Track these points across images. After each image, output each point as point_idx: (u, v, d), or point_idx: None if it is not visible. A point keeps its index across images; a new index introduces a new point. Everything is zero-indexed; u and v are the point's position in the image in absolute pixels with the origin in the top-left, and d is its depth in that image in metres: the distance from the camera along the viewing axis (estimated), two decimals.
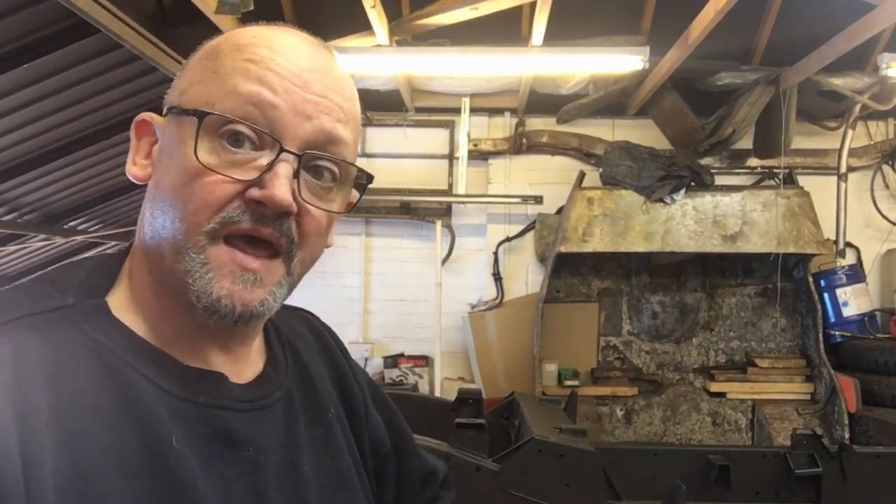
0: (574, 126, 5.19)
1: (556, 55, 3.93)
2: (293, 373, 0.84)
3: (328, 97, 0.74)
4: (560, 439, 2.44)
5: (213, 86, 0.71)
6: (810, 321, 4.78)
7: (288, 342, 0.87)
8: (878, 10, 3.41)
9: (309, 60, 0.74)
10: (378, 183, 5.04)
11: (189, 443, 0.68)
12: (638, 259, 4.95)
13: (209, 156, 0.69)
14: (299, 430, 0.80)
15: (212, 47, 0.75)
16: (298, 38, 0.76)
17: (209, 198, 0.68)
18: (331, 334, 0.99)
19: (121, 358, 0.68)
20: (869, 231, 5.12)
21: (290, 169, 0.70)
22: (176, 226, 0.69)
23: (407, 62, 4.12)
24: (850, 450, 2.79)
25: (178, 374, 0.71)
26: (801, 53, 4.25)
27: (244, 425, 0.73)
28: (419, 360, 5.14)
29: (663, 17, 4.51)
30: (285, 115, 0.70)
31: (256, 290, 0.70)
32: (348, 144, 0.76)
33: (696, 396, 4.86)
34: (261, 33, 0.75)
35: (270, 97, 0.70)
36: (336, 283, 5.33)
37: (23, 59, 3.82)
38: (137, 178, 0.76)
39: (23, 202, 5.70)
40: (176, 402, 0.69)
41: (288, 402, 0.80)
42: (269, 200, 0.68)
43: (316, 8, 4.53)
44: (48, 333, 0.67)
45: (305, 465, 0.78)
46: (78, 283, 0.73)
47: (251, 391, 0.77)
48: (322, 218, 0.74)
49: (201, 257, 0.69)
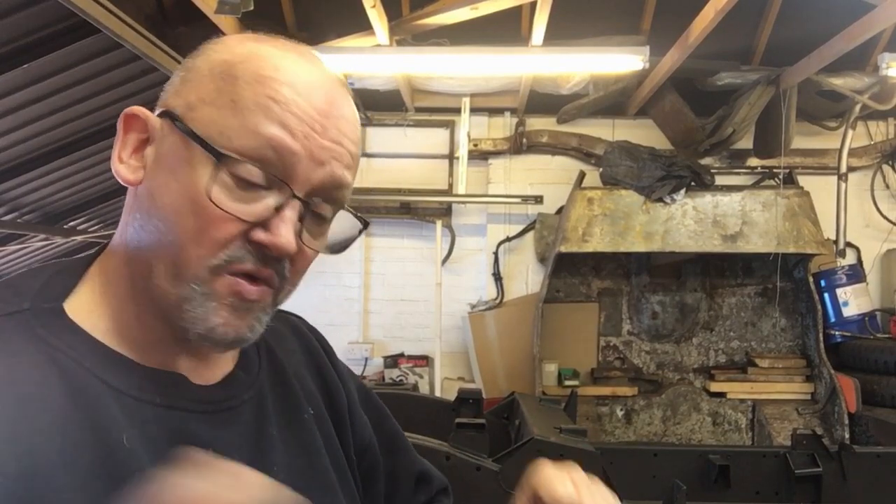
0: (574, 126, 5.19)
1: (556, 55, 3.93)
2: (266, 374, 0.83)
3: (342, 143, 0.73)
4: (560, 439, 2.44)
5: (231, 117, 0.69)
6: (810, 321, 4.78)
7: (265, 343, 0.86)
8: (878, 10, 3.41)
9: (327, 103, 0.72)
10: (378, 183, 5.05)
11: (145, 444, 0.67)
12: (638, 259, 4.95)
13: (220, 193, 0.68)
14: (270, 432, 0.79)
15: (228, 66, 0.72)
16: (318, 73, 0.74)
17: (216, 235, 0.68)
18: (317, 337, 0.98)
19: (75, 361, 0.67)
20: (869, 231, 5.12)
21: (296, 214, 0.70)
22: (176, 253, 0.69)
23: (407, 62, 4.12)
24: (850, 450, 2.79)
25: (134, 375, 0.70)
26: (801, 53, 4.25)
27: (205, 427, 0.72)
28: (419, 360, 5.14)
29: (663, 17, 4.51)
30: (301, 162, 0.69)
31: (247, 316, 0.71)
32: (350, 188, 0.76)
33: (696, 396, 4.86)
34: (282, 66, 0.72)
35: (290, 143, 0.69)
36: (336, 283, 5.33)
37: (23, 59, 3.82)
38: (126, 181, 0.73)
39: (23, 202, 5.70)
40: (131, 403, 0.68)
41: (259, 404, 0.79)
42: (274, 246, 0.69)
43: (316, 8, 4.53)
44: (1, 337, 0.66)
45: (275, 466, 0.76)
46: (37, 287, 0.72)
47: (216, 392, 0.76)
48: (313, 256, 0.75)
49: (203, 288, 0.68)
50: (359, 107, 5.05)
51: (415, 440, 2.30)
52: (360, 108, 5.11)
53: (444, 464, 2.27)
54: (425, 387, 5.04)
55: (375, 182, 5.27)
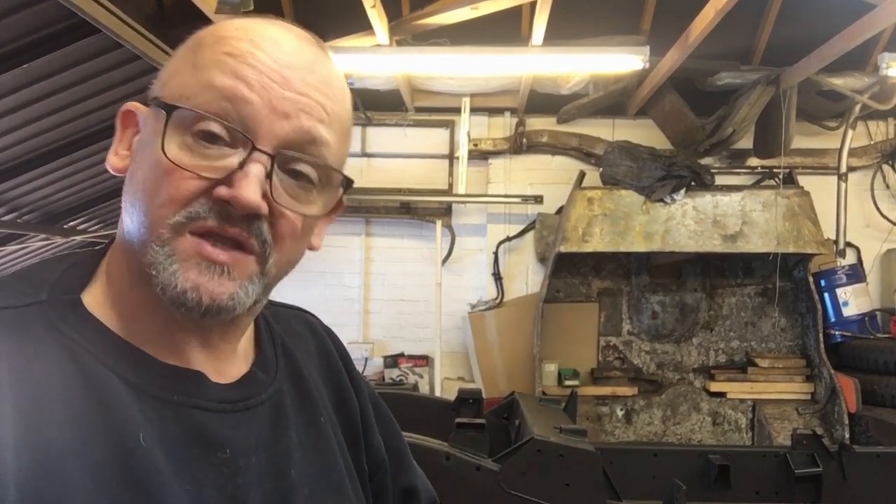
0: (574, 126, 5.19)
1: (556, 55, 3.93)
2: (284, 374, 0.81)
3: (309, 95, 0.70)
4: (560, 439, 2.44)
5: (190, 78, 0.69)
6: (810, 321, 4.78)
7: (281, 343, 0.85)
8: (878, 10, 3.41)
9: (292, 56, 0.70)
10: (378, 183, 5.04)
11: (161, 442, 0.66)
12: (638, 259, 4.95)
13: (179, 151, 0.67)
14: (289, 434, 0.77)
15: (196, 38, 0.73)
16: (285, 31, 0.73)
17: (175, 193, 0.66)
18: (333, 341, 0.96)
19: (93, 355, 0.67)
20: (869, 231, 5.12)
21: (262, 169, 0.67)
22: (142, 219, 0.68)
23: (407, 62, 4.12)
24: (850, 450, 2.79)
25: (152, 371, 0.69)
26: (801, 53, 4.25)
27: (221, 426, 0.71)
28: (419, 360, 5.14)
29: (663, 17, 4.51)
30: (260, 112, 0.67)
31: (225, 282, 0.68)
32: (330, 146, 0.72)
33: (696, 396, 4.86)
34: (245, 26, 0.72)
35: (245, 93, 0.67)
36: (336, 283, 5.33)
37: (23, 59, 3.82)
38: (115, 169, 0.74)
39: (23, 202, 5.69)
40: (148, 400, 0.67)
41: (277, 405, 0.78)
42: (236, 201, 0.66)
43: (316, 8, 4.53)
44: (18, 328, 0.66)
45: (293, 470, 0.75)
46: (53, 279, 0.71)
47: (233, 392, 0.74)
48: (298, 221, 0.71)
49: (166, 249, 0.66)
50: (358, 106, 5.08)
51: (415, 440, 2.31)
52: (360, 108, 5.11)
53: (444, 464, 2.27)
54: (425, 387, 5.04)
55: (375, 182, 5.27)
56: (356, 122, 5.19)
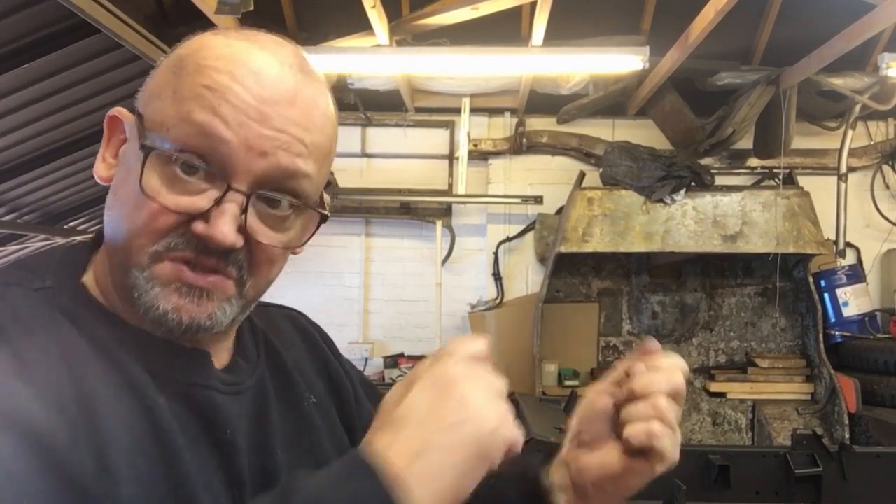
0: (574, 126, 5.19)
1: (556, 55, 3.93)
2: (266, 364, 0.84)
3: (287, 131, 0.70)
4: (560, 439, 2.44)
5: (170, 108, 0.69)
6: (810, 321, 4.78)
7: (263, 336, 0.87)
8: (878, 10, 3.41)
9: (272, 89, 0.70)
10: (378, 183, 5.03)
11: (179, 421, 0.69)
12: (638, 259, 4.95)
13: (160, 185, 0.68)
14: (272, 416, 0.80)
15: (178, 59, 0.72)
16: (269, 58, 0.71)
17: (154, 226, 0.68)
18: (319, 332, 0.99)
19: (109, 338, 0.69)
20: (869, 231, 5.12)
21: (238, 207, 0.69)
22: (122, 243, 0.70)
23: (407, 62, 4.12)
24: (850, 450, 2.79)
25: (166, 352, 0.72)
26: (801, 53, 4.25)
27: (226, 407, 0.74)
28: (419, 360, 5.13)
29: (663, 17, 4.51)
30: (236, 152, 0.68)
31: (204, 303, 0.70)
32: (309, 177, 0.73)
33: (696, 396, 4.86)
34: (226, 55, 0.70)
35: (222, 131, 0.67)
36: (336, 283, 5.33)
37: (23, 59, 3.82)
38: (101, 178, 0.75)
39: (23, 202, 5.70)
40: (166, 381, 0.70)
41: (261, 390, 0.81)
42: (212, 239, 0.68)
43: (316, 8, 4.53)
44: (35, 305, 0.68)
45: (278, 450, 0.78)
46: (53, 266, 0.74)
47: (229, 375, 0.78)
48: (274, 248, 0.73)
49: (146, 274, 0.69)
50: (359, 107, 5.08)
51: None
52: (360, 108, 5.11)
53: None
54: None
55: (375, 182, 5.27)
56: (356, 122, 5.23)
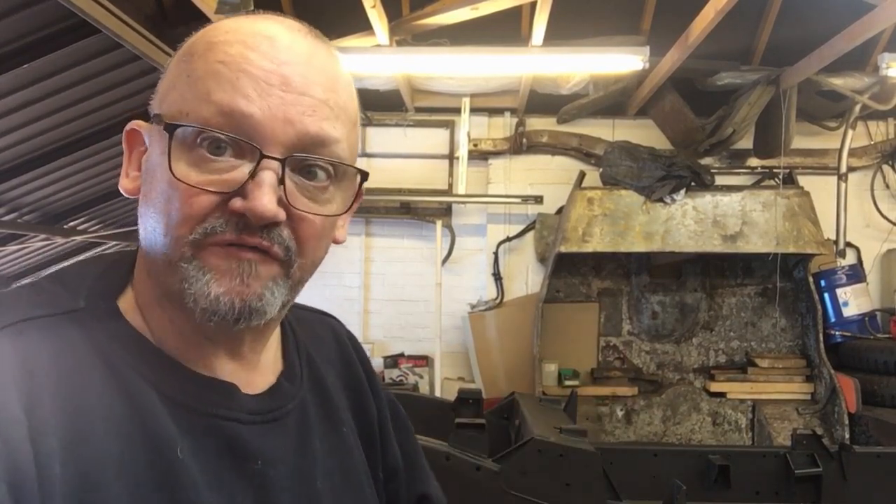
0: (574, 126, 5.19)
1: (556, 55, 3.93)
2: (308, 383, 0.82)
3: (310, 94, 0.68)
4: (560, 439, 2.44)
5: (187, 92, 0.67)
6: (810, 321, 4.78)
7: (305, 351, 0.85)
8: (878, 10, 3.41)
9: (288, 51, 0.68)
10: (378, 183, 5.03)
11: (196, 455, 0.66)
12: (638, 259, 4.95)
13: (188, 168, 0.66)
14: (313, 443, 0.77)
15: (188, 46, 0.71)
16: (277, 24, 0.70)
17: (189, 211, 0.65)
18: (355, 347, 0.95)
19: (130, 366, 0.67)
20: (869, 231, 5.12)
21: (274, 176, 0.66)
22: (163, 240, 0.67)
23: (407, 62, 4.12)
24: (850, 450, 2.79)
25: (186, 382, 0.69)
26: (801, 53, 4.25)
27: (253, 438, 0.71)
28: (419, 360, 5.13)
29: (663, 17, 4.51)
30: (263, 123, 0.66)
31: (253, 282, 0.67)
32: (340, 141, 0.70)
33: (696, 396, 4.86)
34: (234, 27, 0.69)
35: (244, 106, 0.65)
36: (336, 283, 5.33)
37: (23, 59, 3.82)
38: (127, 192, 0.73)
39: (23, 202, 5.69)
40: (182, 412, 0.67)
41: (302, 414, 0.78)
42: (251, 212, 0.65)
43: (316, 8, 4.53)
44: (57, 338, 0.65)
45: (319, 479, 0.76)
46: (89, 284, 0.71)
47: (263, 402, 0.74)
48: (318, 221, 0.70)
49: (195, 263, 0.66)
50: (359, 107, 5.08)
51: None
52: (360, 108, 5.10)
53: (444, 464, 2.26)
54: (425, 387, 5.04)
55: (375, 182, 5.27)
56: None
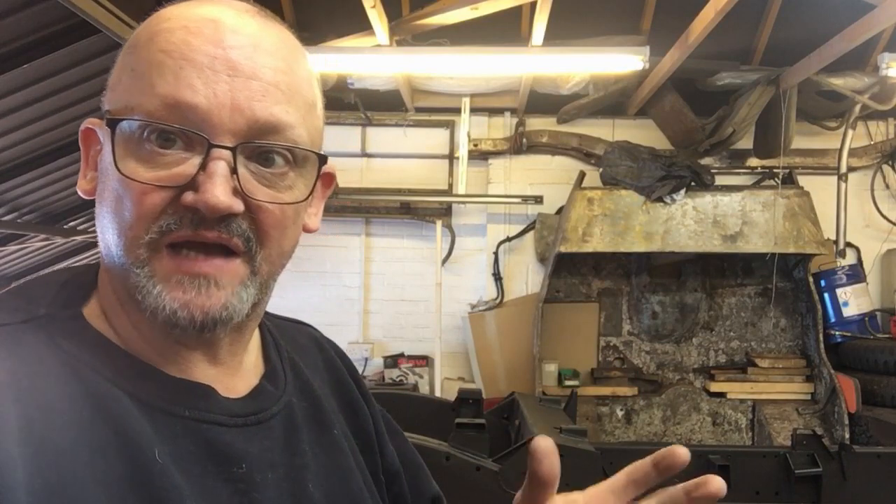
0: (574, 126, 5.19)
1: (556, 55, 3.93)
2: (293, 387, 0.79)
3: (259, 77, 0.64)
4: (560, 439, 2.44)
5: (131, 86, 0.64)
6: (810, 321, 4.78)
7: (288, 356, 0.82)
8: (878, 10, 3.41)
9: (234, 34, 0.64)
10: (378, 183, 5.03)
11: (175, 459, 0.63)
12: (638, 259, 4.95)
13: (137, 165, 0.63)
14: (302, 447, 0.74)
15: (132, 38, 0.68)
16: (222, 7, 0.66)
17: (140, 210, 0.63)
18: (337, 353, 0.92)
19: (97, 370, 0.63)
20: (869, 231, 5.12)
21: (226, 166, 0.63)
22: (116, 241, 0.65)
23: (407, 62, 4.12)
24: (850, 450, 2.79)
25: (160, 385, 0.66)
26: (801, 53, 4.25)
27: (236, 441, 0.68)
28: (419, 360, 5.13)
29: (663, 17, 4.51)
30: (210, 112, 0.63)
31: (214, 293, 0.64)
32: (293, 126, 0.67)
33: (696, 396, 4.86)
34: (177, 13, 0.66)
35: (189, 97, 0.62)
36: (336, 283, 5.33)
37: (23, 59, 3.82)
38: (85, 193, 0.69)
39: (23, 202, 5.70)
40: (160, 416, 0.64)
41: (289, 417, 0.75)
42: (205, 205, 0.62)
43: (316, 8, 4.53)
44: (17, 345, 0.62)
45: (310, 483, 0.73)
46: (52, 294, 0.68)
47: (245, 405, 0.71)
48: (279, 210, 0.67)
49: (145, 270, 0.63)
50: (359, 106, 5.08)
51: (415, 440, 2.31)
52: (360, 108, 5.11)
53: (444, 464, 2.27)
54: (425, 387, 5.04)
55: (375, 182, 5.27)
56: (356, 122, 5.23)
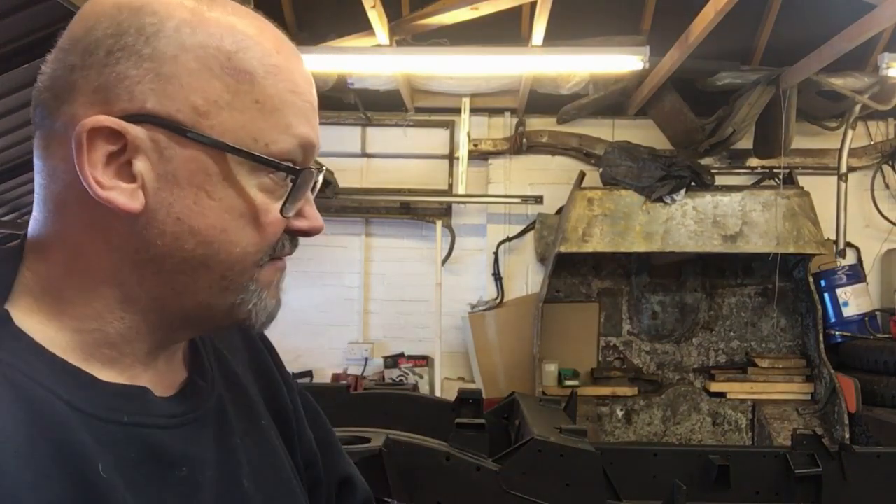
0: (574, 126, 5.19)
1: (556, 55, 3.93)
2: (220, 380, 0.77)
3: (316, 107, 0.73)
4: (560, 439, 2.44)
5: (260, 120, 0.64)
6: (810, 321, 4.78)
7: (211, 345, 0.80)
8: (878, 10, 3.41)
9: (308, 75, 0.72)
10: (378, 183, 5.03)
11: (118, 468, 0.60)
12: (638, 259, 4.95)
13: (264, 196, 0.66)
14: (235, 442, 0.73)
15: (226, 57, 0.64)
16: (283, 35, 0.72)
17: (271, 238, 0.68)
18: (261, 336, 0.90)
19: (29, 377, 0.59)
20: (869, 231, 5.12)
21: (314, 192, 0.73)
22: (225, 268, 0.66)
23: (407, 62, 4.13)
24: (850, 450, 2.79)
25: (96, 391, 0.62)
26: (801, 53, 4.25)
27: (175, 442, 0.66)
28: (419, 360, 5.14)
29: (663, 17, 4.51)
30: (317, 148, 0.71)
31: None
32: None
33: (696, 396, 4.86)
34: (278, 46, 0.68)
35: (314, 138, 0.70)
36: (336, 283, 5.33)
37: (23, 59, 3.82)
38: (123, 207, 0.61)
39: (23, 202, 5.70)
40: (99, 425, 0.61)
41: (220, 412, 0.73)
42: (315, 230, 0.71)
43: (316, 8, 4.53)
44: None
45: (245, 480, 0.72)
46: None
47: (179, 404, 0.69)
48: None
49: (255, 285, 0.69)
50: (359, 106, 5.08)
51: (415, 440, 2.31)
52: (360, 108, 5.11)
53: (444, 464, 2.26)
54: (425, 387, 5.04)
55: (375, 182, 5.27)
56: (356, 122, 5.24)
